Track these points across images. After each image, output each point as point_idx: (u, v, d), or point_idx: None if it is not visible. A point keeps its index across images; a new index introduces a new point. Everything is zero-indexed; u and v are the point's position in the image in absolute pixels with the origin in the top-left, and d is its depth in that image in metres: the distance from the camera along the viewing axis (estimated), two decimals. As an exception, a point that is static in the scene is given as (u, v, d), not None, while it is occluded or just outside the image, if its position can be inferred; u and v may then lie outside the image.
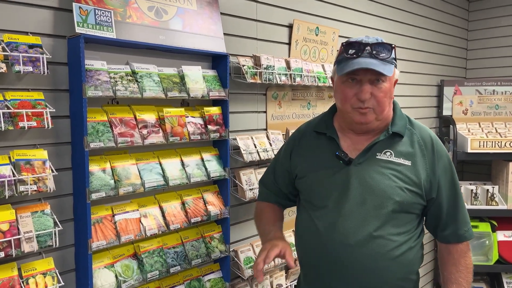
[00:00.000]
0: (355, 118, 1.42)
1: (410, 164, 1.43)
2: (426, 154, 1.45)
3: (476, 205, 3.51)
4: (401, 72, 3.54)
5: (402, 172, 1.41)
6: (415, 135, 1.48)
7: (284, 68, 2.38)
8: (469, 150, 3.44)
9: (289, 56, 2.56)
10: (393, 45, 1.42)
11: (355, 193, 1.41)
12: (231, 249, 2.19)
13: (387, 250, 1.38)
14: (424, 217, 1.52)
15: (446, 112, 3.99)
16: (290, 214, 2.56)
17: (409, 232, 1.43)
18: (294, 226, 1.62)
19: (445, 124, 3.96)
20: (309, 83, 2.50)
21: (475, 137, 3.47)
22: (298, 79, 2.43)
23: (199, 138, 1.96)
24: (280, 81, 2.33)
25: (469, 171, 4.16)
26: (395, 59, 1.44)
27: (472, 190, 3.53)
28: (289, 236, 2.46)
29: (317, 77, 2.56)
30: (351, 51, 1.40)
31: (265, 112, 2.45)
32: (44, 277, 1.55)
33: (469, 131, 3.72)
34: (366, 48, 1.38)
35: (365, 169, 1.43)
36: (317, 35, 2.70)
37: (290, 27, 2.55)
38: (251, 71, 2.18)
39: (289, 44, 2.56)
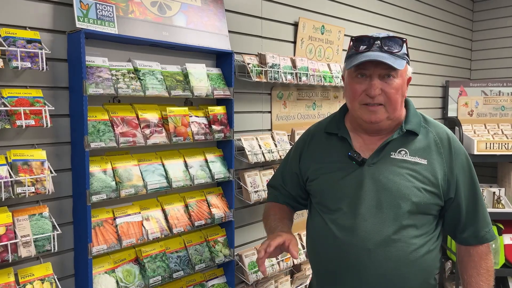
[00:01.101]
0: (364, 116, 1.36)
1: (426, 163, 1.37)
2: (443, 152, 1.39)
3: (482, 208, 3.45)
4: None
5: (418, 172, 1.35)
6: (431, 133, 1.42)
7: (289, 67, 2.31)
8: (476, 152, 3.38)
9: (294, 55, 2.50)
10: (405, 39, 1.36)
11: (370, 195, 1.35)
12: (235, 253, 2.12)
13: (406, 253, 1.31)
14: (442, 219, 1.46)
15: (451, 113, 3.93)
16: (295, 217, 2.48)
17: (427, 234, 1.36)
18: (306, 230, 1.55)
19: (450, 125, 3.90)
20: (315, 83, 2.44)
21: (481, 139, 3.41)
22: (304, 78, 2.37)
23: (203, 138, 1.90)
24: (286, 80, 2.27)
25: (474, 173, 4.08)
26: (407, 55, 1.37)
27: (478, 192, 3.46)
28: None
29: (323, 77, 2.50)
30: (360, 46, 1.35)
31: (270, 112, 2.38)
32: (42, 283, 1.48)
33: (474, 132, 3.66)
34: (376, 42, 1.33)
35: (379, 169, 1.37)
36: (322, 33, 2.64)
37: (296, 25, 2.49)
38: (256, 70, 2.12)
39: (294, 42, 2.50)
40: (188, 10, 1.88)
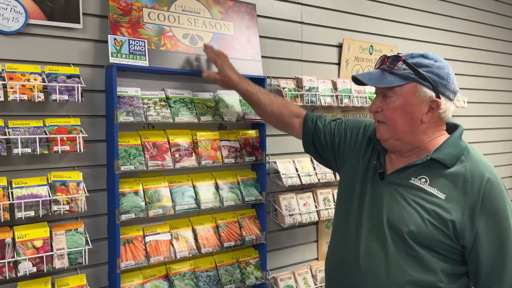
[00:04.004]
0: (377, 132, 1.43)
1: (443, 198, 1.26)
2: (470, 194, 1.24)
3: None
4: (475, 89, 3.22)
5: (431, 203, 1.26)
6: (464, 168, 1.27)
7: (330, 89, 2.29)
8: (563, 177, 2.99)
9: (338, 77, 2.47)
10: (401, 57, 1.29)
11: (374, 212, 1.36)
12: (270, 276, 2.12)
13: (396, 282, 1.26)
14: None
15: (536, 133, 3.52)
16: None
17: (435, 275, 1.25)
18: None
19: (535, 146, 3.50)
20: (359, 104, 2.38)
21: None
22: (345, 100, 2.32)
23: (233, 161, 1.96)
24: (325, 103, 2.25)
25: None
26: (418, 75, 1.26)
27: None
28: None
29: (369, 98, 2.43)
30: (375, 65, 1.41)
31: (311, 134, 2.37)
32: (75, 292, 1.64)
33: None
34: (385, 60, 1.35)
35: (393, 188, 1.35)
36: (371, 54, 2.57)
37: (340, 46, 2.46)
38: (291, 93, 2.14)
39: (338, 64, 2.47)
40: (221, 39, 1.98)
